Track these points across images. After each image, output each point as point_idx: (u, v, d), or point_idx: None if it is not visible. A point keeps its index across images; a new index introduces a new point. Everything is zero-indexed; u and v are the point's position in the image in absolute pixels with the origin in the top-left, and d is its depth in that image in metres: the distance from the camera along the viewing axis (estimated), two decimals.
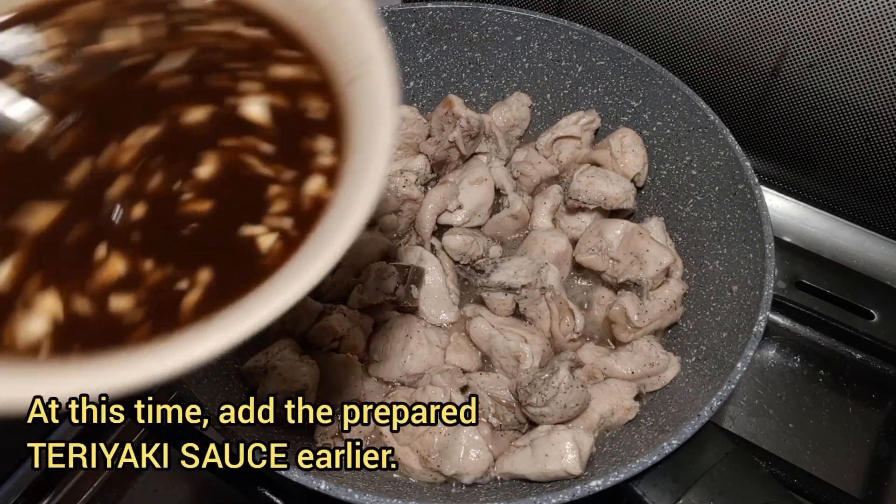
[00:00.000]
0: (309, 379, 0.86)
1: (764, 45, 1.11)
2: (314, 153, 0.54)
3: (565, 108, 1.16)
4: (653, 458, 0.71)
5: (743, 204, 0.93)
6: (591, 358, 0.91)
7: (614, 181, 1.01)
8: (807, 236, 1.22)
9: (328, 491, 0.68)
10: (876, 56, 1.03)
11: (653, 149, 1.08)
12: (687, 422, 0.73)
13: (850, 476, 0.99)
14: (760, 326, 0.80)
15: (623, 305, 0.91)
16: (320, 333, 0.90)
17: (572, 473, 0.77)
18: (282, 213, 0.51)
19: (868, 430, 1.03)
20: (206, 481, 0.98)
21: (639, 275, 0.93)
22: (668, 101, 1.05)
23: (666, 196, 1.07)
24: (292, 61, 0.58)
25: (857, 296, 1.14)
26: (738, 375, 0.77)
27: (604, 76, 1.11)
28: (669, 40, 1.19)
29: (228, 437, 0.72)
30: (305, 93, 0.57)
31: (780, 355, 1.10)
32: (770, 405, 1.05)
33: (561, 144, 1.11)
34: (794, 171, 1.24)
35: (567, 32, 1.10)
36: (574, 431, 0.80)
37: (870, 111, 1.09)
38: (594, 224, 1.01)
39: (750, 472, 0.75)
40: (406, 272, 0.92)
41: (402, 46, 1.14)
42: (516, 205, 1.04)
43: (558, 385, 0.80)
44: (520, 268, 0.93)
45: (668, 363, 0.90)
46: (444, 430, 0.81)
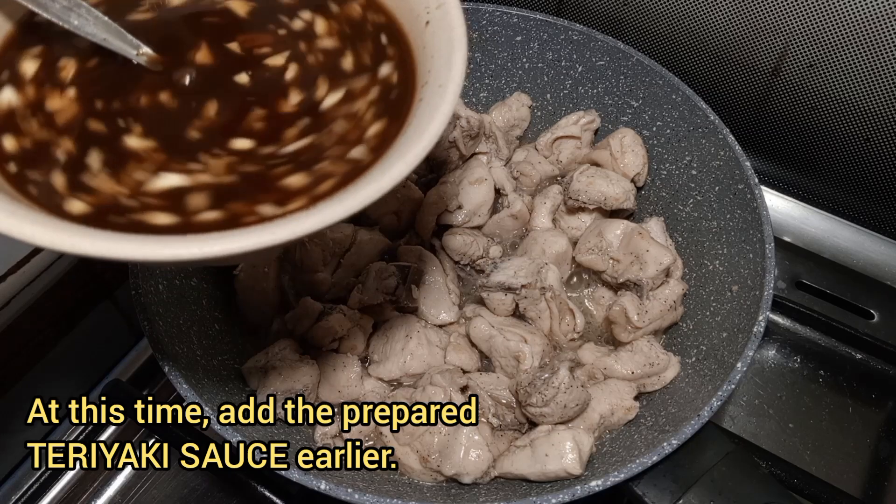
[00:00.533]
0: (309, 379, 0.86)
1: (764, 45, 1.11)
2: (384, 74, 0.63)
3: (565, 108, 1.16)
4: (653, 458, 0.71)
5: (743, 204, 0.93)
6: (591, 358, 0.91)
7: (614, 181, 1.01)
8: (807, 236, 1.22)
9: (328, 491, 0.68)
10: (876, 56, 1.03)
11: (653, 149, 1.08)
12: (687, 422, 0.73)
13: (850, 476, 0.99)
14: (760, 326, 0.80)
15: (623, 305, 0.91)
16: (320, 333, 0.90)
17: (572, 473, 0.77)
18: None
19: (868, 430, 1.03)
20: (206, 481, 0.98)
21: (639, 275, 0.93)
22: (668, 101, 1.05)
23: (666, 196, 1.07)
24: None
25: (857, 296, 1.14)
26: (738, 375, 0.77)
27: (604, 76, 1.11)
28: (669, 40, 1.19)
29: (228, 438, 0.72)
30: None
31: (780, 355, 1.10)
32: (770, 405, 1.05)
33: (561, 144, 1.11)
34: (794, 171, 1.24)
35: (567, 32, 1.10)
36: (574, 431, 0.80)
37: (870, 111, 1.09)
38: (594, 224, 1.01)
39: (750, 472, 0.75)
40: (406, 272, 0.92)
41: None
42: (516, 205, 1.04)
43: (558, 385, 0.80)
44: (520, 268, 0.93)
45: (668, 363, 0.90)
46: (444, 430, 0.81)
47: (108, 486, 0.99)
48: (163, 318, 0.82)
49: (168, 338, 0.80)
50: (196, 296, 0.93)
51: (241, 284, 0.95)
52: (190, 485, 0.98)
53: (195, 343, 0.87)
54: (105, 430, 1.03)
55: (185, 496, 0.97)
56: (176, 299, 0.88)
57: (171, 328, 0.83)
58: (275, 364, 0.86)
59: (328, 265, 0.93)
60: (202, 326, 0.91)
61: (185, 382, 0.74)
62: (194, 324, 0.89)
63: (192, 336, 0.87)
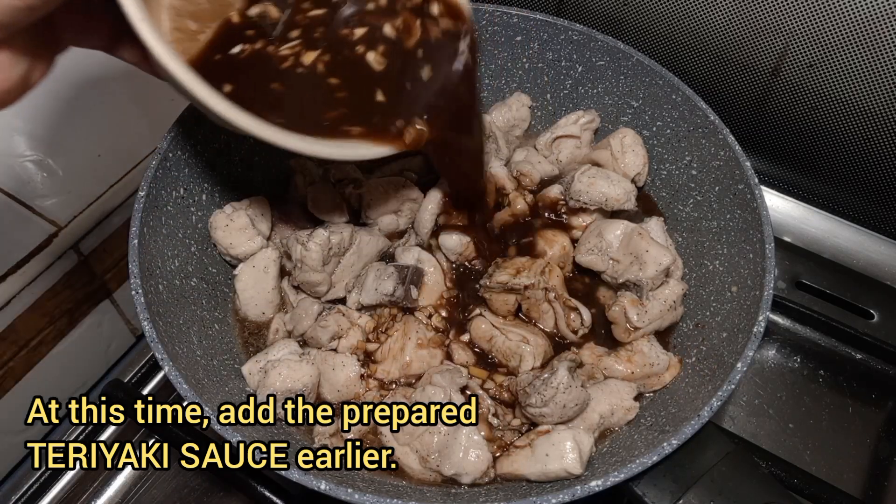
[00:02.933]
0: (309, 379, 0.86)
1: (764, 45, 1.11)
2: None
3: (565, 108, 1.16)
4: (653, 458, 0.71)
5: (743, 204, 0.93)
6: (591, 358, 0.91)
7: (615, 182, 1.01)
8: (807, 236, 1.22)
9: (328, 491, 0.68)
10: (876, 56, 1.03)
11: (653, 149, 1.08)
12: (687, 422, 0.73)
13: (850, 476, 0.99)
14: (760, 326, 0.80)
15: (623, 306, 0.91)
16: (319, 333, 0.90)
17: (573, 473, 0.77)
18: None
19: (868, 430, 1.03)
20: (206, 481, 0.98)
21: (638, 275, 0.93)
22: (668, 101, 1.05)
23: (666, 196, 1.07)
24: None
25: (857, 296, 1.14)
26: (738, 375, 0.77)
27: (604, 76, 1.11)
28: (669, 40, 1.18)
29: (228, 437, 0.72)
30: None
31: (780, 355, 1.10)
32: (770, 405, 1.05)
33: (561, 144, 1.11)
34: (794, 171, 1.24)
35: (567, 32, 1.10)
36: (574, 431, 0.80)
37: (870, 111, 1.09)
38: (594, 225, 1.01)
39: (750, 472, 0.75)
40: (405, 273, 0.92)
41: None
42: (517, 204, 1.04)
43: (557, 385, 0.81)
44: (522, 268, 0.93)
45: (667, 363, 0.90)
46: (444, 430, 0.81)
47: (108, 486, 0.99)
48: (163, 318, 0.82)
49: (168, 338, 0.80)
50: (196, 296, 0.93)
51: (242, 284, 0.95)
52: (190, 485, 0.98)
53: (195, 343, 0.87)
54: (105, 430, 1.03)
55: (185, 496, 0.97)
56: (176, 299, 0.88)
57: (171, 328, 0.83)
58: (274, 364, 0.86)
59: (328, 265, 0.93)
60: (202, 326, 0.91)
61: (185, 382, 0.74)
62: (194, 324, 0.89)
63: (192, 336, 0.87)
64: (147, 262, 0.84)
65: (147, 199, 0.87)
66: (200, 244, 0.97)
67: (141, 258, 0.83)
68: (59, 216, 1.02)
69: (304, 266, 0.92)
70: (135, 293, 0.80)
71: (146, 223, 0.87)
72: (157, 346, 0.76)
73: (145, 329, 0.78)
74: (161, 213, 0.91)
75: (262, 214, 1.00)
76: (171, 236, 0.92)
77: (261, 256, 0.95)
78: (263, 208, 1.01)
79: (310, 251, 0.90)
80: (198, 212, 0.98)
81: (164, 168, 0.91)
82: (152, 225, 0.88)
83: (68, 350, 1.07)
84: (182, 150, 0.94)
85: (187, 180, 0.96)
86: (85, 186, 1.05)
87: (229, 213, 0.97)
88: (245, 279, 0.95)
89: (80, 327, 1.08)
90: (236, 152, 1.03)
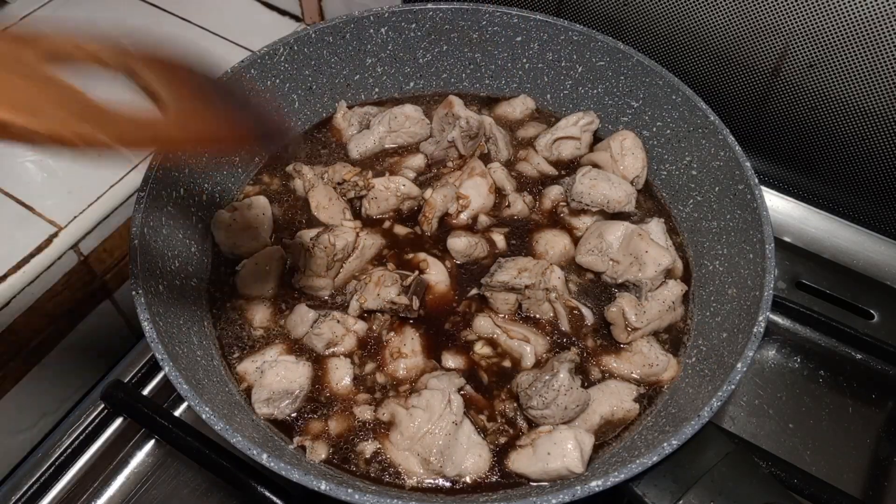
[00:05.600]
0: (304, 380, 0.86)
1: (764, 45, 1.11)
2: None
3: (565, 108, 1.16)
4: (653, 459, 0.71)
5: (743, 204, 0.93)
6: (590, 358, 0.91)
7: (616, 184, 1.01)
8: (807, 236, 1.22)
9: (328, 491, 0.68)
10: (876, 56, 1.02)
11: (653, 149, 1.08)
12: (687, 422, 0.73)
13: (850, 476, 0.99)
14: (760, 327, 0.80)
15: (621, 306, 0.91)
16: (314, 342, 0.90)
17: (574, 471, 0.77)
18: None
19: (868, 430, 1.03)
20: (206, 481, 0.98)
21: (638, 276, 0.93)
22: (668, 101, 1.05)
23: (666, 196, 1.07)
24: None
25: (857, 296, 1.13)
26: (738, 376, 0.77)
27: (604, 77, 1.11)
28: (669, 40, 1.18)
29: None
30: None
31: (780, 355, 1.10)
32: (770, 405, 1.05)
33: (560, 145, 1.11)
34: (794, 171, 1.24)
35: (567, 33, 1.10)
36: (576, 430, 0.80)
37: (870, 111, 1.09)
38: (595, 225, 1.01)
39: (750, 473, 0.75)
40: (409, 283, 0.92)
41: (403, 47, 1.14)
42: (517, 205, 1.04)
43: (559, 388, 0.81)
44: (523, 268, 0.93)
45: (667, 364, 0.90)
46: (445, 432, 0.81)
47: (108, 486, 0.98)
48: (163, 318, 0.82)
49: (168, 338, 0.80)
50: (196, 296, 0.93)
51: (242, 284, 0.95)
52: (190, 485, 0.98)
53: (195, 343, 0.87)
54: (105, 431, 1.02)
55: (185, 496, 0.97)
56: (176, 299, 0.88)
57: (171, 328, 0.83)
58: (271, 366, 0.86)
59: (331, 270, 0.93)
60: (202, 326, 0.91)
61: (185, 382, 0.74)
62: (194, 324, 0.89)
63: (192, 336, 0.87)
64: (147, 262, 0.84)
65: (147, 199, 0.87)
66: (200, 244, 0.97)
67: (141, 258, 0.83)
68: (59, 216, 1.02)
69: (309, 271, 0.92)
70: (135, 293, 0.80)
71: (146, 223, 0.87)
72: (157, 346, 0.76)
73: (145, 329, 0.77)
74: (161, 213, 0.91)
75: (264, 214, 1.00)
76: (171, 236, 0.92)
77: (263, 255, 0.95)
78: (265, 208, 1.01)
79: (315, 256, 0.90)
80: (198, 212, 0.98)
81: (164, 168, 0.91)
82: (152, 225, 0.88)
83: (68, 350, 1.07)
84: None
85: (187, 180, 0.96)
86: (85, 186, 1.05)
87: (232, 212, 0.97)
88: (246, 279, 0.95)
89: (80, 327, 1.08)
90: (236, 152, 1.03)
